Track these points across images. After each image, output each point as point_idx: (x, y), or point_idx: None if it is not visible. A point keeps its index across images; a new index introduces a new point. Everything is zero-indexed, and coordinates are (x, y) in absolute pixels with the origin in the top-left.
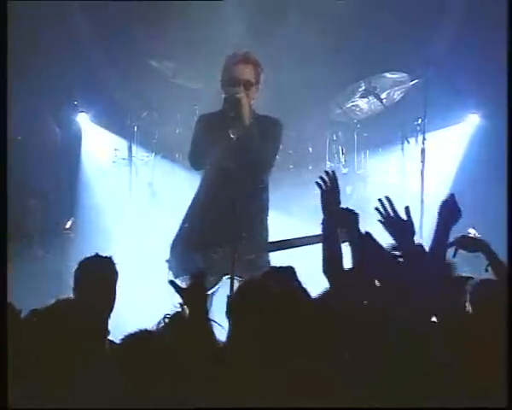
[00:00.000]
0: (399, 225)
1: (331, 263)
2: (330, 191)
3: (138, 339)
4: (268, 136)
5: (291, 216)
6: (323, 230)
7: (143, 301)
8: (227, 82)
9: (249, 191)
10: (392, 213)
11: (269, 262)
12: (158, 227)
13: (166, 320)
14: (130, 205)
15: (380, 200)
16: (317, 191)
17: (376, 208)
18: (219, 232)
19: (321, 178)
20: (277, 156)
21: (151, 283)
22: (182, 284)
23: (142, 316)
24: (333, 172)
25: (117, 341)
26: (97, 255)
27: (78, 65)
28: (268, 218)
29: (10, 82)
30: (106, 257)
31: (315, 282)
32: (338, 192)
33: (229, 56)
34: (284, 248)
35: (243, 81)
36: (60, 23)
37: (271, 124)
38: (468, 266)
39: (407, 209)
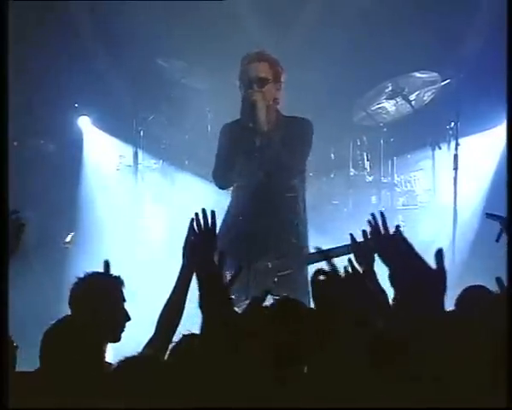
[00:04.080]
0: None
1: None
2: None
3: (136, 363)
4: (296, 139)
5: (311, 227)
6: None
7: (149, 321)
8: (243, 85)
9: (279, 201)
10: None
11: (307, 277)
12: (166, 240)
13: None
14: (136, 216)
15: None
16: (337, 201)
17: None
18: (253, 248)
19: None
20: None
21: (158, 301)
22: None
23: (145, 335)
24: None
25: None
26: (98, 273)
27: (78, 64)
28: (306, 228)
29: (11, 84)
30: (108, 274)
31: None
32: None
33: (242, 58)
34: (325, 260)
35: (256, 79)
36: (60, 19)
37: (299, 125)
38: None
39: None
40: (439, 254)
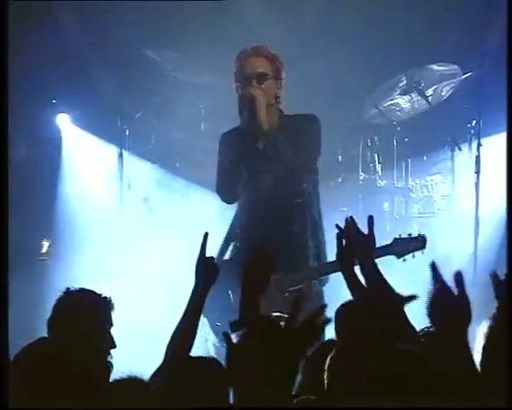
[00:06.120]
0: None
1: None
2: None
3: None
4: (302, 137)
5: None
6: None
7: (139, 341)
8: (239, 81)
9: (288, 209)
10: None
11: (321, 290)
12: (154, 250)
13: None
14: (122, 224)
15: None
16: (346, 208)
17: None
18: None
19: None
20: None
21: (147, 317)
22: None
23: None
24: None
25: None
26: (86, 290)
27: (56, 56)
28: (319, 236)
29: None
30: (92, 292)
31: None
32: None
33: (238, 54)
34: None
35: (254, 74)
36: (40, 12)
37: (304, 122)
38: None
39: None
40: (459, 278)
